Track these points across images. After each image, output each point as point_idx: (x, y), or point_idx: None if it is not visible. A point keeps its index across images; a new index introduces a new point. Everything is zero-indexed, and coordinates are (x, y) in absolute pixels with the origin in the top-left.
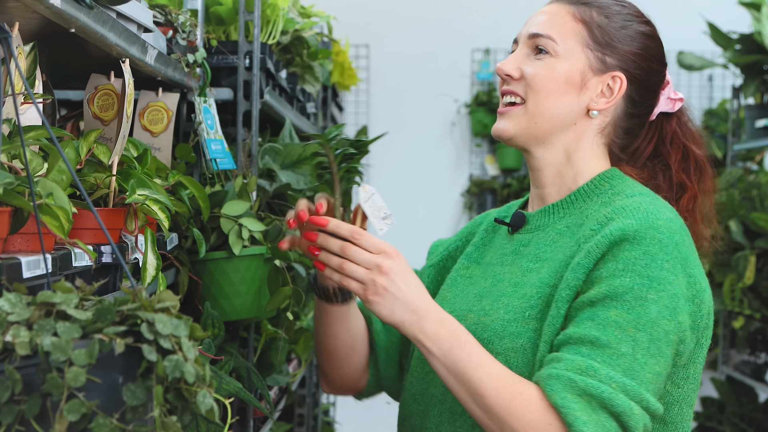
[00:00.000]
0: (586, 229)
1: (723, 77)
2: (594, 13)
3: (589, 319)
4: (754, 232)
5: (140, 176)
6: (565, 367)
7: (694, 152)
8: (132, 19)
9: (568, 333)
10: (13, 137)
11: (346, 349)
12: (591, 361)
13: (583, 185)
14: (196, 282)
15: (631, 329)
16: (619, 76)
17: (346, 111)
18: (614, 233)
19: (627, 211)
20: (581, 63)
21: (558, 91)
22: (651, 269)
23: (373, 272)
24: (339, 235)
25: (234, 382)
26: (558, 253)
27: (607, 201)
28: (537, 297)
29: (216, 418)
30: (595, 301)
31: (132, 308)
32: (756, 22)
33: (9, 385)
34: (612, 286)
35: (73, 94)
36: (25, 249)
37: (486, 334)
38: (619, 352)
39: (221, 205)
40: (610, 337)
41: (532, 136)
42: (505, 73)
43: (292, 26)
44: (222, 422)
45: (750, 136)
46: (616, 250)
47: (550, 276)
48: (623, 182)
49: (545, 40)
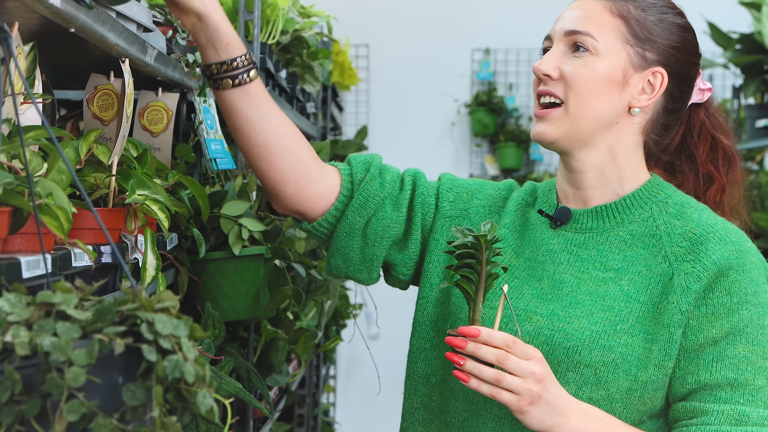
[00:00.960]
0: (673, 246)
1: (723, 77)
2: (631, 7)
3: (718, 361)
4: (755, 233)
5: (140, 176)
6: (718, 421)
7: (723, 143)
8: (132, 19)
9: (701, 380)
10: (12, 137)
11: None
12: (736, 406)
13: (636, 191)
14: (196, 282)
15: (760, 360)
16: (660, 71)
17: (346, 111)
18: (720, 261)
19: (717, 231)
20: (622, 60)
21: (600, 90)
22: (759, 295)
23: (528, 381)
24: (492, 344)
25: (234, 383)
26: (634, 264)
27: (674, 213)
28: (627, 311)
29: (216, 418)
30: (718, 339)
31: (132, 308)
32: (756, 22)
33: (9, 385)
34: (732, 322)
35: (73, 94)
36: (24, 249)
37: (570, 343)
38: (757, 386)
39: (221, 205)
40: (746, 375)
41: (576, 139)
42: (543, 73)
43: (292, 26)
44: (222, 422)
45: (750, 136)
46: (724, 281)
47: (636, 290)
48: (674, 190)
49: (584, 37)
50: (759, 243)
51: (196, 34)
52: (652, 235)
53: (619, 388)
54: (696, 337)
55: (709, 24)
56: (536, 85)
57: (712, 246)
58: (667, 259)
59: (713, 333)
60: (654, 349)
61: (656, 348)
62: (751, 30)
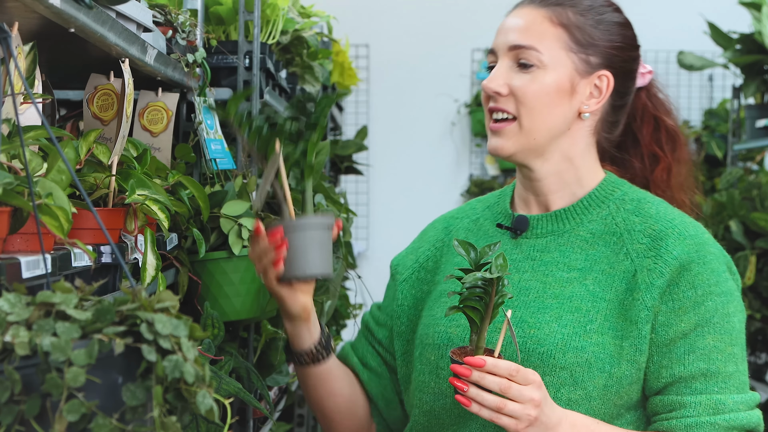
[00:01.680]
0: (634, 242)
1: (723, 77)
2: (570, 14)
3: (689, 353)
4: (755, 233)
5: (140, 176)
6: (696, 413)
7: (666, 123)
8: (131, 19)
9: (676, 373)
10: (12, 137)
11: (345, 403)
12: (712, 395)
13: (593, 191)
14: (196, 282)
15: (728, 347)
16: (605, 74)
17: (346, 111)
18: (681, 257)
19: (675, 226)
20: (568, 69)
21: (551, 103)
22: (721, 284)
23: (527, 406)
24: (497, 374)
25: (234, 383)
26: (597, 263)
27: (632, 209)
28: (595, 311)
29: (216, 418)
30: (687, 332)
31: (131, 308)
32: (756, 22)
33: (8, 385)
34: (699, 314)
35: (73, 94)
36: (24, 249)
37: (543, 348)
38: (729, 373)
39: (221, 205)
40: (717, 364)
41: (531, 151)
42: (493, 91)
43: (292, 26)
44: (222, 422)
45: (750, 136)
46: (688, 276)
47: (602, 289)
48: (629, 186)
49: (529, 52)
50: (759, 243)
51: (292, 326)
52: (612, 232)
53: (595, 386)
54: (666, 332)
55: (709, 24)
56: (486, 101)
57: (671, 242)
58: (629, 256)
59: (682, 327)
60: (625, 345)
61: (627, 344)
62: (751, 30)
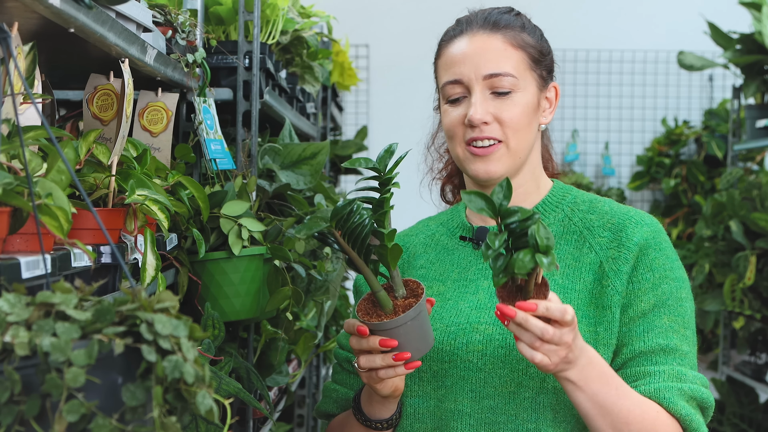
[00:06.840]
0: (596, 237)
1: (723, 77)
2: (521, 35)
3: (648, 331)
4: (755, 233)
5: (140, 176)
6: (662, 379)
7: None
8: (131, 19)
9: (636, 349)
10: (12, 137)
11: None
12: (673, 366)
13: (546, 198)
14: (196, 282)
15: (682, 329)
16: (554, 85)
17: (346, 111)
18: (640, 242)
19: (632, 217)
20: (534, 87)
21: (529, 122)
22: (674, 271)
23: (561, 348)
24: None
25: (233, 383)
26: (562, 260)
27: (586, 209)
28: (566, 302)
29: (215, 418)
30: (646, 311)
31: (131, 309)
32: (756, 22)
33: (8, 385)
34: (656, 296)
35: (73, 94)
36: (24, 249)
37: None
38: (684, 352)
39: (221, 206)
40: (674, 342)
41: (514, 169)
42: (482, 122)
43: (292, 26)
44: (221, 423)
45: (750, 136)
46: (645, 259)
47: (570, 282)
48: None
49: (506, 78)
50: (759, 243)
51: (382, 402)
52: (572, 232)
53: None
54: (627, 311)
55: (709, 24)
56: (463, 130)
57: (631, 230)
58: (592, 249)
59: (642, 306)
60: (600, 330)
61: (601, 329)
62: (751, 30)
